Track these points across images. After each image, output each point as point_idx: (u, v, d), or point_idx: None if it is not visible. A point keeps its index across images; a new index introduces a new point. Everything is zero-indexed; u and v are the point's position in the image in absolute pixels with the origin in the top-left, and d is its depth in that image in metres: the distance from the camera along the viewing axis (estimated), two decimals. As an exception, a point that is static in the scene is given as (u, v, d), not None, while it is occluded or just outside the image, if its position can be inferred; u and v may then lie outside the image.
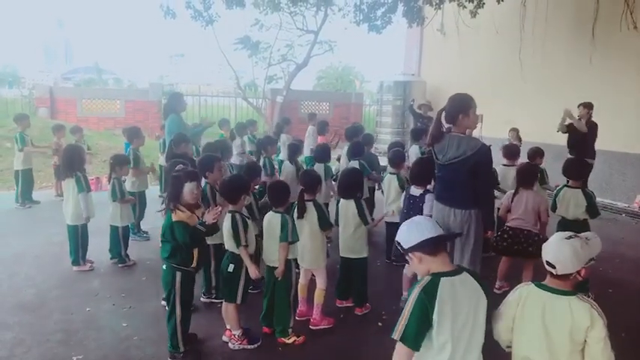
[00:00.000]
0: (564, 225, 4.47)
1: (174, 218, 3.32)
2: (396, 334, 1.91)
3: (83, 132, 8.80)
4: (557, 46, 9.86)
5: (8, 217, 7.35)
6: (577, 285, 4.19)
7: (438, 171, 3.73)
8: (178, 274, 3.41)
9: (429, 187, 4.39)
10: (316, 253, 3.93)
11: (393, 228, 4.94)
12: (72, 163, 5.15)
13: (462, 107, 3.55)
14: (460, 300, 1.93)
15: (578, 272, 2.06)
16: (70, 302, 4.39)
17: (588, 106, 7.45)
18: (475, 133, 4.32)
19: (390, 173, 5.42)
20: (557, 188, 4.77)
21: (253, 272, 3.51)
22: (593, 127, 7.39)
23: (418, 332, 1.89)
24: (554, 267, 2.06)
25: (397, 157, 5.50)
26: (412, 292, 1.94)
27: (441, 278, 1.93)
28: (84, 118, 14.10)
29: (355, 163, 5.87)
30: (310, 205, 3.91)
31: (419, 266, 2.02)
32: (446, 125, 3.67)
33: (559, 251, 2.06)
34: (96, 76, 29.02)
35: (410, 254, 2.02)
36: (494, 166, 5.88)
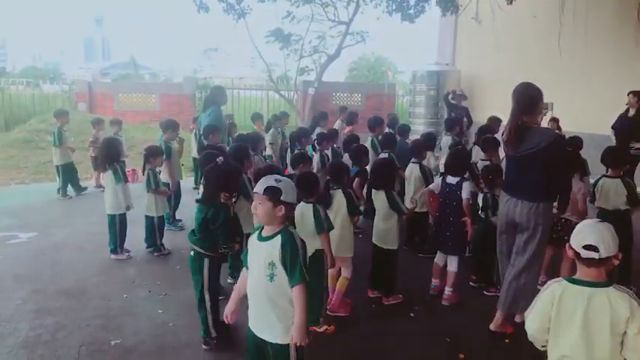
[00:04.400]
0: (604, 216, 4.30)
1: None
2: (305, 276, 2.31)
3: (122, 125, 9.01)
4: (600, 30, 9.46)
5: (51, 208, 7.61)
6: (619, 278, 4.07)
7: (508, 162, 3.66)
8: (207, 261, 3.47)
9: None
10: (343, 241, 3.90)
11: (416, 218, 4.92)
12: (109, 155, 5.31)
13: (536, 97, 3.47)
14: None
15: (615, 256, 1.99)
16: (109, 289, 4.53)
17: (638, 95, 7.09)
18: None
19: (412, 162, 5.36)
20: (596, 179, 4.59)
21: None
22: None
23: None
24: (596, 250, 1.96)
25: (416, 145, 5.47)
26: (294, 237, 2.36)
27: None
28: (121, 112, 14.44)
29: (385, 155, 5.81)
30: (339, 194, 3.90)
31: (278, 214, 2.36)
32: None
33: (600, 233, 1.98)
34: (132, 71, 29.72)
35: (282, 205, 2.35)
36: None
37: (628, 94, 7.17)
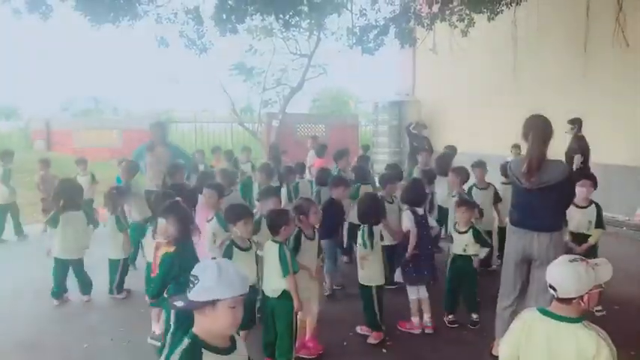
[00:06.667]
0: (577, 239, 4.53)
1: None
2: None
3: (87, 163, 8.79)
4: (551, 62, 9.94)
5: (5, 251, 7.26)
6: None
7: (519, 196, 3.56)
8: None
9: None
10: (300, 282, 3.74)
11: (389, 250, 4.90)
12: (73, 198, 5.12)
13: (552, 130, 3.48)
14: None
15: (581, 298, 2.00)
16: (68, 338, 4.31)
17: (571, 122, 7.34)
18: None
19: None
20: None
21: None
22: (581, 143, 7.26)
23: None
24: (555, 290, 2.01)
25: (383, 179, 5.51)
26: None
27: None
28: (80, 150, 14.07)
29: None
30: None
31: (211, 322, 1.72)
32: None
33: (560, 274, 2.01)
34: (93, 106, 29.13)
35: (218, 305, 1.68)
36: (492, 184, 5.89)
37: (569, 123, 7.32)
